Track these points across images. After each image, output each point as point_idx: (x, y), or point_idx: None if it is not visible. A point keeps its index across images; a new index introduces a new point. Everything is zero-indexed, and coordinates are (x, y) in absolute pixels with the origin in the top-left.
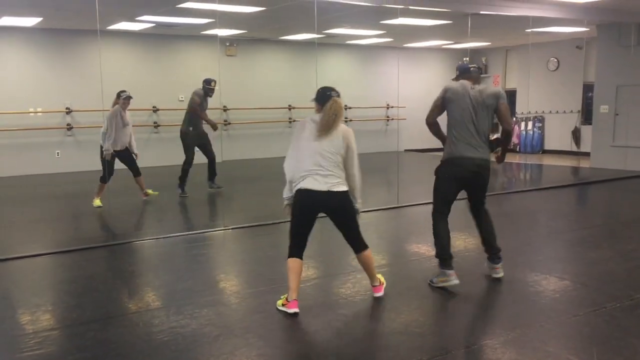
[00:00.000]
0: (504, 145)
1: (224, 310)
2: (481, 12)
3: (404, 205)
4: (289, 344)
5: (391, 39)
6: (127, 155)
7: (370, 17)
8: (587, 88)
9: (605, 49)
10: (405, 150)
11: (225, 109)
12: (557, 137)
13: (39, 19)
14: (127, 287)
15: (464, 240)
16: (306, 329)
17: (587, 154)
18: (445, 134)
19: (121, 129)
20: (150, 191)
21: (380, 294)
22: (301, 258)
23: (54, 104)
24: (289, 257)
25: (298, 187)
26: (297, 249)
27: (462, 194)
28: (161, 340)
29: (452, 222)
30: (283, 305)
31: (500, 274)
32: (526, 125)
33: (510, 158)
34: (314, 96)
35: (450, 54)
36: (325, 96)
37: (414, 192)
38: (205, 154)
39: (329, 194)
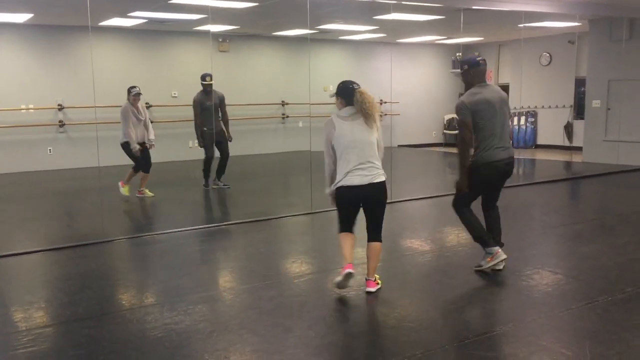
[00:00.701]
0: None
1: (218, 306)
2: (474, 7)
3: (397, 200)
4: (283, 340)
5: (384, 35)
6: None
7: (363, 12)
8: (579, 83)
9: (597, 43)
10: (399, 146)
11: None
12: (550, 131)
13: (30, 15)
14: (120, 284)
15: (457, 235)
16: (300, 324)
17: (579, 149)
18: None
19: (136, 125)
20: (147, 191)
21: (372, 289)
22: (351, 232)
23: (46, 100)
24: (340, 231)
25: (341, 184)
26: (345, 226)
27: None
28: (155, 337)
29: (446, 217)
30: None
31: (501, 266)
32: (519, 120)
33: None
34: (334, 91)
35: (443, 49)
36: (349, 90)
37: (408, 187)
38: (220, 152)
39: (370, 186)
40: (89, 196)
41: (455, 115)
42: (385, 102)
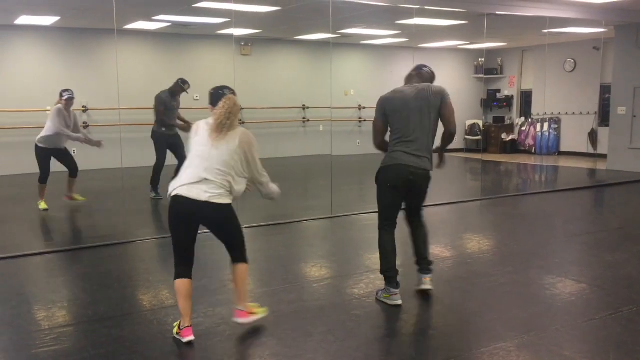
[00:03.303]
0: (443, 146)
1: None
2: (497, 13)
3: None
4: (302, 344)
5: (406, 39)
6: (64, 155)
7: (385, 17)
8: (604, 89)
9: (622, 50)
10: None
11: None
12: (574, 138)
13: (57, 18)
14: (141, 284)
15: (478, 242)
16: (319, 329)
17: (604, 156)
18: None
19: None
20: (77, 196)
21: (243, 320)
22: (189, 277)
23: None
24: (175, 278)
25: (175, 192)
26: (182, 268)
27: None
28: (176, 338)
29: (467, 223)
30: (177, 333)
31: (429, 286)
32: (542, 127)
33: (525, 160)
34: (208, 101)
35: (466, 55)
36: (218, 95)
37: (428, 193)
38: (175, 156)
39: (207, 204)
40: (112, 197)
41: (476, 121)
42: None
